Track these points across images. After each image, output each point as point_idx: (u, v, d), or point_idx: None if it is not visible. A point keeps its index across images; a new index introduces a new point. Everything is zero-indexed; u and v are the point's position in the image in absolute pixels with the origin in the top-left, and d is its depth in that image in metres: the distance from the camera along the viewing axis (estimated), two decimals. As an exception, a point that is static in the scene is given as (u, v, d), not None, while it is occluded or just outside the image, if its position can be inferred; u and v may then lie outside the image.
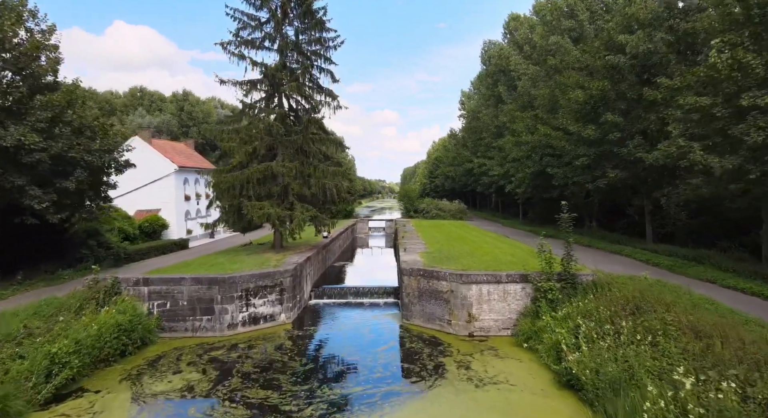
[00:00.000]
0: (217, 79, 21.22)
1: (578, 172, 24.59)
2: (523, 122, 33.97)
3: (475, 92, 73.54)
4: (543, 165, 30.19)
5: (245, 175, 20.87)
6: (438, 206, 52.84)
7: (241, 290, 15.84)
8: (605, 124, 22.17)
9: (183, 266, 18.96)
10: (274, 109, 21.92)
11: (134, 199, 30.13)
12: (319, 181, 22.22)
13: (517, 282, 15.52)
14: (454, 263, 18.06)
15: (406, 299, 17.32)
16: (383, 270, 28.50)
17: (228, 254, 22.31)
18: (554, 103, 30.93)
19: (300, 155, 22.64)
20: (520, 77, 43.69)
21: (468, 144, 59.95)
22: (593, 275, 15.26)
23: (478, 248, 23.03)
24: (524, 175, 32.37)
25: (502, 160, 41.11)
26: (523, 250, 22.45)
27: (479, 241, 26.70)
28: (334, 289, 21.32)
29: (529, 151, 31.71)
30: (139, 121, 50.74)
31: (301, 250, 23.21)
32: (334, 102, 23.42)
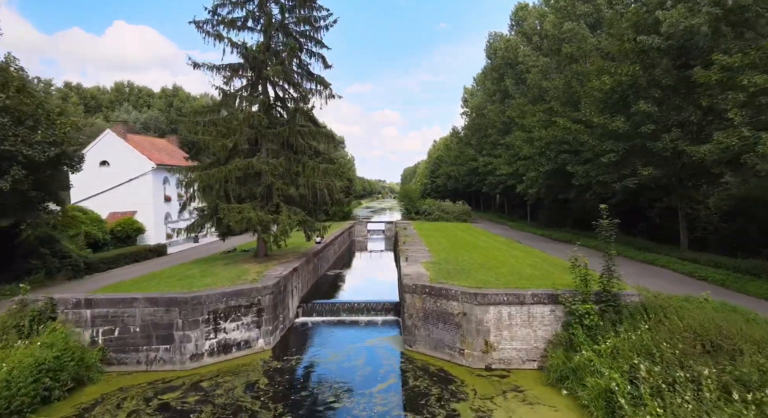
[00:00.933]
0: (191, 63, 18.40)
1: (603, 170, 21.73)
2: (534, 117, 31.13)
3: (479, 89, 70.79)
4: (559, 163, 27.34)
5: (222, 174, 18.04)
6: (441, 208, 49.96)
7: (208, 312, 13.00)
8: (636, 114, 19.34)
9: (148, 280, 16.15)
10: (257, 98, 19.07)
11: (108, 200, 27.32)
12: (308, 181, 19.38)
13: (545, 303, 12.67)
14: (465, 277, 15.21)
15: (408, 321, 14.47)
16: (382, 279, 25.65)
17: (203, 264, 19.46)
18: (571, 94, 28.12)
19: (286, 151, 19.82)
20: (528, 70, 40.97)
21: (472, 142, 57.15)
22: (639, 295, 12.40)
23: (490, 256, 20.17)
24: (537, 174, 29.53)
25: (511, 159, 38.28)
26: (544, 259, 19.57)
27: (490, 247, 23.84)
28: (326, 304, 18.46)
29: (542, 148, 28.87)
30: (125, 117, 47.94)
31: (288, 259, 20.36)
32: (326, 91, 20.60)
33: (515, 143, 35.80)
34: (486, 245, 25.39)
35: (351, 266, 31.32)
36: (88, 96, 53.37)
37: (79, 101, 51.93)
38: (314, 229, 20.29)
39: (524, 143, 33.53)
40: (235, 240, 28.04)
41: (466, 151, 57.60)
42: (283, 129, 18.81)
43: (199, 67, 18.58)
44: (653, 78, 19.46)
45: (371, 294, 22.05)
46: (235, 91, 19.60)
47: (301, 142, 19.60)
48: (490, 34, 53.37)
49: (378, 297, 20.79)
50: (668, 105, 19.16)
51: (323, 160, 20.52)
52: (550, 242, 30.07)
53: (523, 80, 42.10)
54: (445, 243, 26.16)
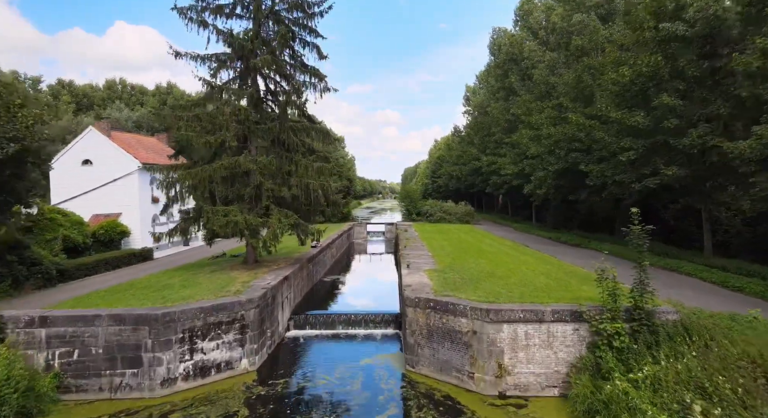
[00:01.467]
0: (172, 52, 16.82)
1: (620, 170, 20.11)
2: (542, 114, 29.55)
3: (482, 87, 69.21)
4: (569, 162, 25.74)
5: (207, 173, 16.46)
6: (443, 209, 48.36)
7: (183, 330, 11.41)
8: (658, 109, 17.74)
9: (122, 290, 14.58)
10: (245, 91, 17.49)
11: (91, 202, 25.75)
12: (301, 181, 17.81)
13: (567, 321, 11.07)
14: (473, 288, 13.62)
15: (410, 339, 12.88)
16: (382, 286, 24.07)
17: (187, 272, 17.88)
18: (582, 89, 26.53)
19: (278, 148, 18.26)
20: (534, 65, 39.42)
21: (475, 141, 55.52)
22: (676, 313, 10.81)
23: (498, 263, 18.57)
24: (545, 173, 27.91)
25: (516, 158, 36.68)
26: (557, 267, 17.96)
27: (497, 252, 22.23)
28: (320, 316, 16.87)
29: (551, 146, 27.27)
30: (117, 116, 46.38)
31: (280, 265, 18.78)
32: (321, 83, 19.02)
33: (521, 142, 34.23)
34: (492, 249, 23.78)
35: (349, 271, 29.74)
36: (80, 94, 51.80)
37: (71, 99, 50.39)
38: (308, 233, 18.70)
39: (531, 141, 31.95)
40: (226, 244, 26.48)
41: (468, 150, 55.99)
42: (273, 124, 17.23)
43: (182, 56, 17.02)
44: (676, 69, 17.87)
45: (370, 303, 20.48)
46: (222, 83, 18.06)
47: (294, 139, 18.02)
48: (494, 30, 51.79)
49: (377, 306, 19.25)
50: (693, 98, 17.57)
51: (317, 158, 18.94)
52: (559, 245, 28.46)
53: (528, 76, 40.50)
54: (449, 247, 24.56)
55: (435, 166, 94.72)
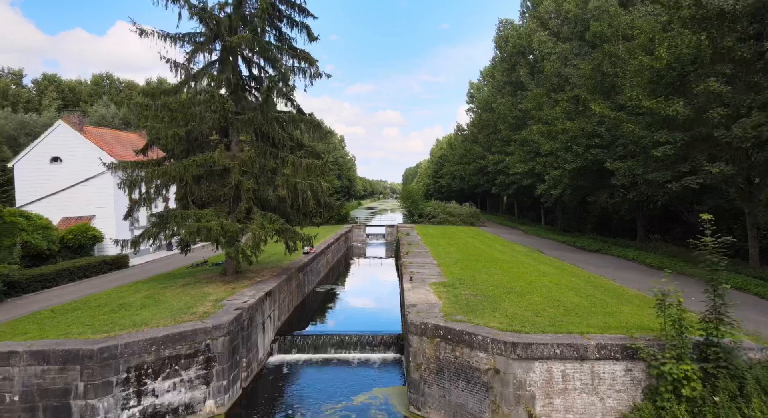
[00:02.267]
0: (135, 29, 14.41)
1: (653, 167, 17.65)
2: (556, 107, 27.12)
3: (486, 83, 66.90)
4: (589, 159, 23.30)
5: (177, 171, 14.08)
6: (446, 210, 45.94)
7: (129, 367, 9.01)
8: (701, 96, 15.30)
9: (71, 310, 12.21)
10: (221, 75, 15.07)
11: (61, 203, 23.40)
12: (288, 180, 15.41)
13: (617, 359, 8.63)
14: (490, 310, 11.20)
15: (415, 374, 10.46)
16: (382, 297, 21.66)
17: (156, 285, 15.46)
18: (601, 79, 24.11)
19: (262, 142, 15.87)
20: (545, 57, 37.03)
21: (479, 139, 53.09)
22: (763, 350, 8.36)
23: (515, 275, 16.14)
24: (561, 172, 25.45)
25: (526, 156, 34.24)
26: (586, 280, 15.48)
27: (511, 261, 19.79)
28: (309, 337, 14.45)
29: (567, 142, 24.82)
30: (103, 112, 44.04)
31: (264, 277, 16.37)
32: (311, 69, 16.64)
33: (532, 138, 31.78)
34: (505, 256, 21.33)
35: (346, 279, 27.33)
36: (66, 89, 49.45)
37: (57, 95, 48.08)
38: (296, 239, 16.29)
39: (543, 138, 29.51)
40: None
41: (473, 148, 53.54)
42: (254, 114, 14.80)
43: (147, 35, 14.60)
44: (721, 50, 15.42)
45: (368, 318, 18.07)
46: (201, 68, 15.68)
47: (279, 132, 15.62)
48: (501, 22, 49.35)
49: (376, 323, 16.85)
50: (741, 83, 15.13)
51: (306, 154, 16.54)
52: (576, 251, 25.99)
53: (538, 70, 38.10)
54: (456, 254, 22.12)
55: (437, 166, 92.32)
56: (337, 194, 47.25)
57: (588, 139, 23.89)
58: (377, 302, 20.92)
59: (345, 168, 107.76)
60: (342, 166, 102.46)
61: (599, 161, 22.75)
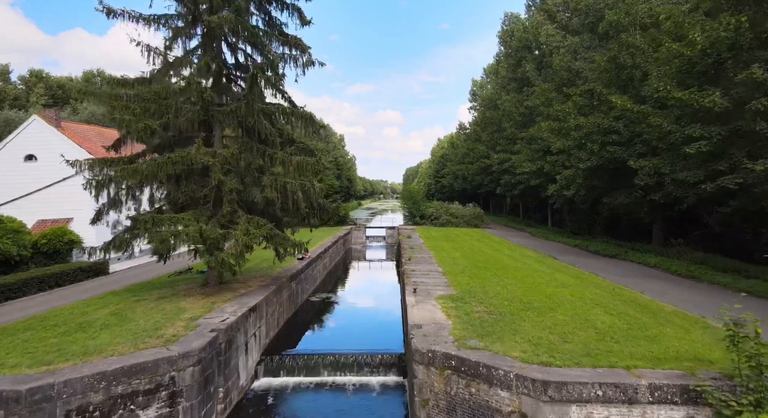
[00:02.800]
0: (102, 8, 12.71)
1: (683, 165, 15.93)
2: (568, 103, 25.41)
3: (489, 81, 65.25)
4: (605, 157, 21.59)
5: (150, 170, 12.41)
6: (449, 211, 44.23)
7: (67, 412, 7.33)
8: (742, 85, 13.59)
9: (22, 330, 10.52)
10: (201, 61, 13.37)
11: (37, 205, 21.72)
12: (276, 180, 13.74)
13: (676, 403, 6.93)
14: (510, 331, 9.51)
15: (421, 412, 8.76)
16: (382, 308, 19.95)
17: (129, 298, 13.76)
18: (617, 72, 22.41)
19: (247, 138, 14.18)
20: (553, 52, 35.34)
21: (483, 138, 51.38)
22: None
23: (531, 285, 14.44)
24: (574, 172, 23.73)
25: (534, 154, 32.53)
26: (614, 293, 13.73)
27: (524, 268, 18.09)
28: (300, 357, 12.77)
29: (581, 139, 23.11)
30: (93, 109, 42.36)
31: (250, 288, 14.67)
32: (303, 56, 15.00)
33: (540, 136, 30.07)
34: (516, 263, 19.63)
35: (344, 286, 25.63)
36: (55, 86, 47.83)
37: (45, 92, 46.44)
38: (286, 246, 14.59)
39: (553, 135, 27.82)
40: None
41: (476, 147, 51.81)
42: (237, 105, 13.10)
43: (116, 16, 12.93)
44: (760, 34, 13.71)
45: (367, 333, 16.37)
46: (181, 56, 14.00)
47: (267, 126, 13.90)
48: (506, 16, 47.58)
49: (376, 338, 15.15)
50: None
51: (297, 150, 14.83)
52: (591, 256, 24.28)
53: (546, 64, 36.38)
54: (463, 260, 20.43)
55: (438, 166, 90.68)
56: (336, 195, 45.54)
57: (604, 136, 22.19)
58: (377, 313, 19.22)
59: (345, 168, 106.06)
60: (342, 166, 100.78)
61: (617, 159, 21.04)
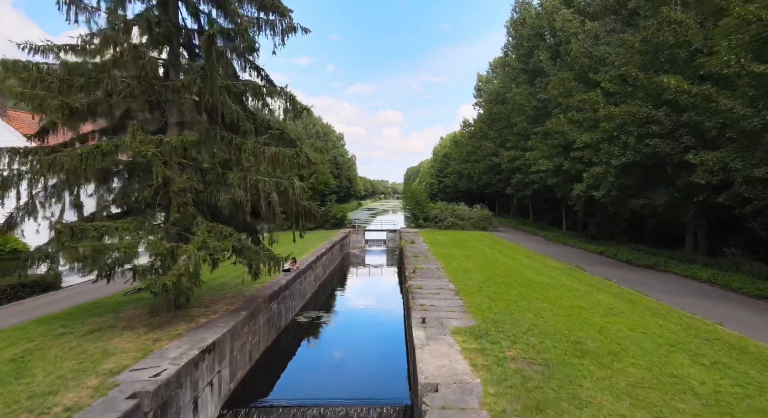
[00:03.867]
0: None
1: (762, 159, 12.73)
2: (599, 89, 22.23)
3: (496, 75, 62.09)
4: (645, 152, 18.42)
5: (72, 163, 9.26)
6: (455, 213, 41.06)
7: None
8: None
9: None
10: (143, 22, 10.22)
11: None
12: (246, 178, 10.63)
13: None
14: (567, 399, 6.40)
15: None
16: (381, 330, 16.78)
17: (52, 329, 10.58)
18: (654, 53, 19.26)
19: (211, 124, 11.07)
20: (569, 39, 32.22)
21: (490, 134, 48.20)
22: None
23: (573, 312, 11.29)
24: (604, 169, 20.52)
25: (551, 150, 29.35)
26: (678, 322, 10.50)
27: (555, 285, 14.92)
28: (274, 410, 9.64)
29: (613, 131, 19.93)
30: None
31: (215, 315, 11.50)
32: (283, 21, 11.87)
33: (559, 129, 26.89)
34: (541, 276, 16.49)
35: (338, 301, 22.44)
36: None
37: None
38: (260, 261, 11.47)
39: (575, 128, 24.75)
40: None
41: (483, 145, 48.61)
42: (190, 79, 9.96)
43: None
44: None
45: (363, 370, 13.19)
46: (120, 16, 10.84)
47: (233, 108, 10.76)
48: (517, 2, 44.34)
49: (375, 376, 11.97)
50: None
51: (272, 139, 11.64)
52: (624, 267, 21.07)
53: (562, 53, 33.20)
54: (477, 273, 17.29)
55: (441, 165, 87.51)
56: (332, 195, 42.36)
57: (640, 128, 19.03)
58: (376, 339, 16.02)
59: (344, 167, 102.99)
60: (341, 166, 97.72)
61: (657, 154, 17.88)
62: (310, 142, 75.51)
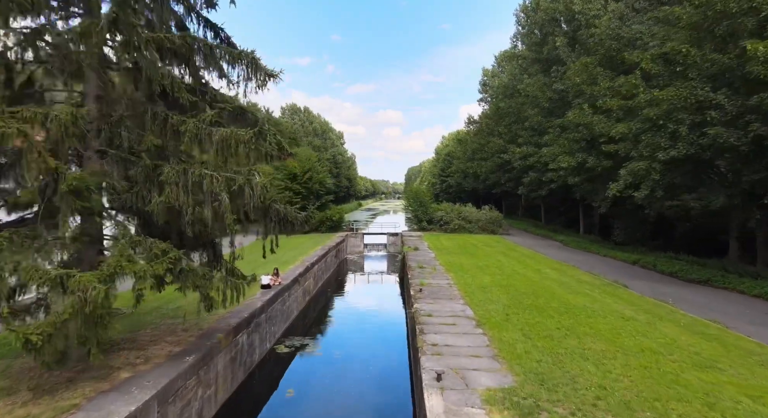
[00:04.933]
0: None
1: None
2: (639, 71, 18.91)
3: (502, 70, 58.80)
4: (701, 143, 15.14)
5: None
6: (462, 215, 37.75)
7: None
8: None
9: None
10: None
11: None
12: (186, 172, 7.37)
13: None
14: None
15: None
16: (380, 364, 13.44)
17: None
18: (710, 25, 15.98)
19: (142, 97, 7.82)
20: (590, 22, 29.00)
21: (499, 130, 44.87)
22: None
23: (645, 358, 8.06)
24: (647, 165, 17.17)
25: (573, 145, 26.04)
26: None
27: (605, 312, 11.62)
28: None
29: (660, 120, 16.62)
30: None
31: (143, 367, 8.21)
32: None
33: (583, 121, 23.57)
34: (580, 298, 13.19)
35: (330, 322, 19.13)
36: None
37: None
38: (209, 287, 8.23)
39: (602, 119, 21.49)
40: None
41: (491, 141, 45.27)
42: (90, 25, 6.70)
43: None
44: None
45: None
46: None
47: (164, 70, 7.50)
48: (529, -15, 40.94)
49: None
50: None
51: (224, 117, 8.30)
52: (672, 281, 17.75)
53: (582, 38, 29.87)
54: (498, 291, 14.01)
55: (444, 164, 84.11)
56: (328, 196, 39.12)
57: (693, 115, 15.74)
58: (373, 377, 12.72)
59: (344, 166, 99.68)
60: (340, 165, 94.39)
61: (720, 146, 14.60)
62: (307, 141, 72.27)
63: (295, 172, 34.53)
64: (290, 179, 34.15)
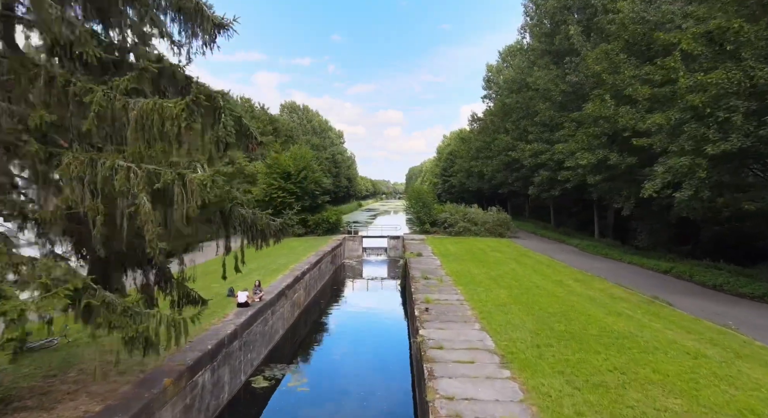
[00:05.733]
0: None
1: None
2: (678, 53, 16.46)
3: (507, 65, 56.43)
4: (761, 135, 12.70)
5: None
6: (467, 216, 35.30)
7: None
8: None
9: None
10: None
11: None
12: (93, 164, 4.93)
13: None
14: None
15: None
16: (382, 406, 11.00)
17: None
18: None
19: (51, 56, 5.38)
20: (607, 7, 26.67)
21: (506, 126, 42.43)
22: None
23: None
24: (691, 161, 14.70)
25: (592, 141, 23.58)
26: None
27: (657, 338, 9.20)
28: None
29: (706, 108, 14.17)
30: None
31: None
32: None
33: (604, 114, 21.14)
34: (627, 324, 10.77)
35: (321, 342, 16.67)
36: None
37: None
38: (133, 328, 5.80)
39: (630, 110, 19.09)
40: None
41: (498, 139, 42.78)
42: None
43: None
44: None
45: None
46: None
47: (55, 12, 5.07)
48: (538, -27, 38.46)
49: None
50: None
51: (140, 79, 5.85)
52: (718, 296, 15.28)
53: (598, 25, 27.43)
54: (521, 313, 11.60)
55: (446, 164, 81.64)
56: (325, 196, 36.68)
57: (747, 101, 13.31)
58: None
59: (344, 166, 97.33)
60: (340, 164, 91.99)
61: None
62: (306, 139, 69.92)
63: (288, 170, 32.09)
64: (284, 178, 31.71)
